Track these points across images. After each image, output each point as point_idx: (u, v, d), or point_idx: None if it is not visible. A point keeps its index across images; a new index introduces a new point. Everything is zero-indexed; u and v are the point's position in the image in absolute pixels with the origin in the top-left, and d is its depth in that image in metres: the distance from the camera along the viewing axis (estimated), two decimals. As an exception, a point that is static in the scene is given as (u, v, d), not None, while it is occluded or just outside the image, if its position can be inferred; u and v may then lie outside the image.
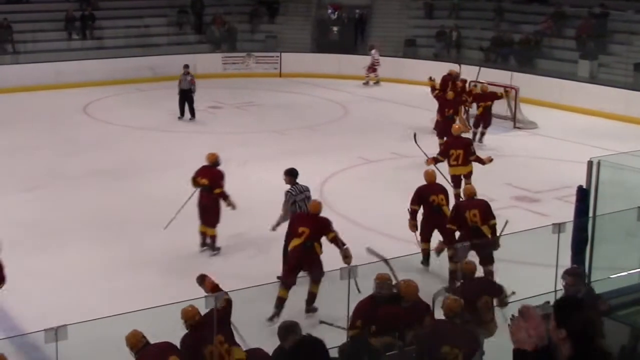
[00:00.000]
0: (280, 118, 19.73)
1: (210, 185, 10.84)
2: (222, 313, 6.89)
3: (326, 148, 15.99)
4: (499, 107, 19.10)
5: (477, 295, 7.62)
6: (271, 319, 8.55)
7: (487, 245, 9.30)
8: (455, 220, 9.73)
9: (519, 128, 18.64)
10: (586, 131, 18.03)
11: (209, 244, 10.90)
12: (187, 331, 6.92)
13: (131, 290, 9.33)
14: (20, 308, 9.03)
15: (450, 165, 12.56)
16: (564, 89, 21.18)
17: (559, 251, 7.99)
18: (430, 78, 17.49)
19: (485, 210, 9.65)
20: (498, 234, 9.44)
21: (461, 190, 11.28)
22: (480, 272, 8.58)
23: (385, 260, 7.48)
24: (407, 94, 22.43)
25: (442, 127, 15.48)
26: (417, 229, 10.40)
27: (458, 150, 12.51)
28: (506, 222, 9.51)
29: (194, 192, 11.05)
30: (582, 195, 8.47)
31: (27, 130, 17.80)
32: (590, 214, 8.44)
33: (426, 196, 10.28)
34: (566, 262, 8.23)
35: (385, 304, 7.09)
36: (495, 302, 7.82)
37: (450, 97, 16.36)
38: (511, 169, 14.99)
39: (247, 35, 27.52)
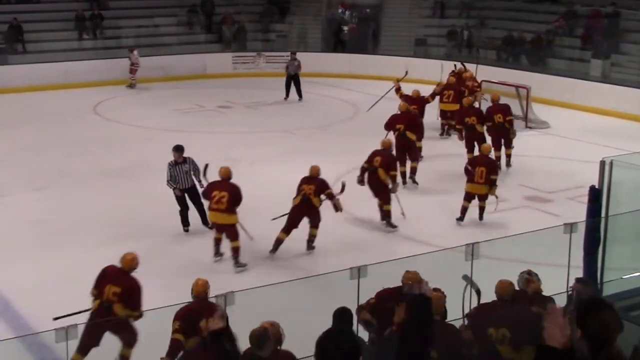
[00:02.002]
0: (290, 118, 19.70)
1: (383, 167, 11.81)
2: None
3: (336, 148, 15.94)
4: (512, 106, 19.03)
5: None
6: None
7: (508, 133, 14.58)
8: (487, 119, 14.51)
9: (530, 128, 18.54)
10: (598, 131, 17.92)
11: (385, 218, 11.88)
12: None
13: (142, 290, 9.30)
14: (30, 307, 9.03)
15: (442, 102, 17.05)
16: (576, 89, 21.07)
17: (570, 251, 7.92)
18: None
19: (506, 111, 14.72)
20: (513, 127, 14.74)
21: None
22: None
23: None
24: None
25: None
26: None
27: (450, 91, 16.92)
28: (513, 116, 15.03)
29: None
30: (595, 195, 8.39)
31: (36, 130, 17.83)
32: (603, 214, 8.36)
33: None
34: (578, 262, 8.17)
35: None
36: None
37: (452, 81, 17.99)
38: (523, 169, 14.91)
39: (257, 34, 27.53)
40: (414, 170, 13.72)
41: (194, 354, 6.32)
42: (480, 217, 11.99)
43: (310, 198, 10.66)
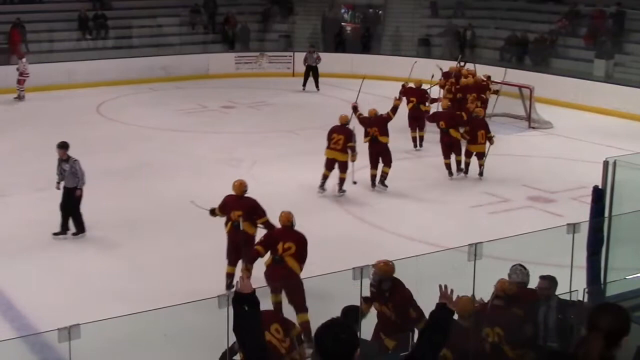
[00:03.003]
0: (293, 118, 19.69)
1: (451, 127, 14.31)
2: None
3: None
4: (514, 106, 19.02)
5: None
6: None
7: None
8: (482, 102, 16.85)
9: (534, 128, 18.52)
10: (602, 131, 17.90)
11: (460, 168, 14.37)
12: None
13: (144, 290, 9.31)
14: (33, 307, 9.03)
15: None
16: (579, 89, 21.04)
17: (573, 252, 7.89)
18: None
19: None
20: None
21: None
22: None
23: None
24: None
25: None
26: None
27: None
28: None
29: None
30: (598, 195, 8.36)
31: (39, 130, 17.83)
32: (606, 214, 8.33)
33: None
34: (581, 263, 8.15)
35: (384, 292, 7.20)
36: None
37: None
38: (526, 169, 14.92)
39: (260, 34, 27.52)
40: (422, 138, 16.30)
41: (269, 269, 8.36)
42: (481, 173, 14.21)
43: (378, 137, 13.07)
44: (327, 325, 3.54)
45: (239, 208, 9.24)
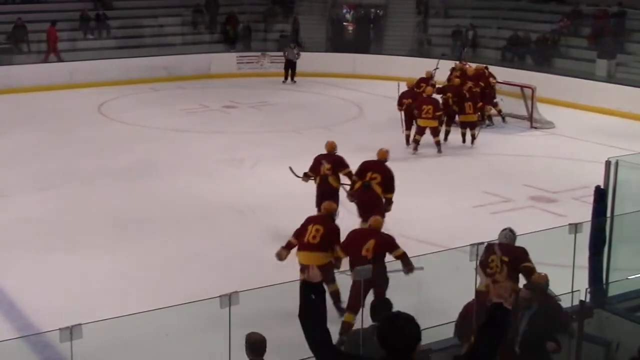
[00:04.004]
0: (294, 118, 19.69)
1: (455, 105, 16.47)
2: None
3: (341, 148, 15.86)
4: (516, 106, 19.00)
5: None
6: None
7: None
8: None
9: (535, 128, 18.50)
10: (604, 131, 17.87)
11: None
12: None
13: (146, 290, 9.30)
14: (34, 307, 9.03)
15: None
16: (581, 89, 21.01)
17: (575, 252, 7.88)
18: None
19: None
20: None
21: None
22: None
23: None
24: (422, 93, 22.28)
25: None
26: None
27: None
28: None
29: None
30: (600, 195, 8.34)
31: (41, 130, 17.84)
32: (608, 214, 8.32)
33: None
34: (583, 263, 8.14)
35: None
36: None
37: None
38: (528, 169, 14.91)
39: (262, 34, 27.53)
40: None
41: (357, 192, 10.69)
42: (472, 143, 16.21)
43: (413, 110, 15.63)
44: (391, 318, 3.53)
45: (329, 162, 10.97)
